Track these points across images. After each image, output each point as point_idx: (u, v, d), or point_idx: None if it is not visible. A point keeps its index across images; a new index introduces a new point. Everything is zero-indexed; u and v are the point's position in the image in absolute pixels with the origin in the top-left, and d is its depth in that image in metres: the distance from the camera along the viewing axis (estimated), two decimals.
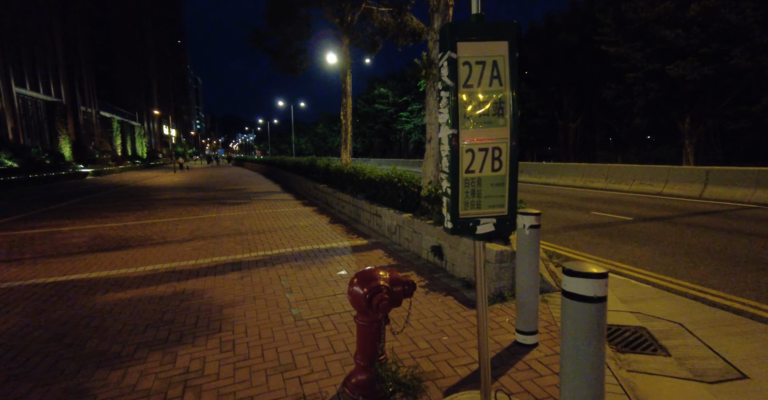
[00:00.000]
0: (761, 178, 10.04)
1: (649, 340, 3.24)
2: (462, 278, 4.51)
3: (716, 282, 4.49)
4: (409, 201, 6.40)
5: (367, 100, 52.42)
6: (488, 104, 1.66)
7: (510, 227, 1.76)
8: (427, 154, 6.23)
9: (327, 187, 11.06)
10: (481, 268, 1.88)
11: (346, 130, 12.89)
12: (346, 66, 13.10)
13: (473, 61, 1.63)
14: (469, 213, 1.72)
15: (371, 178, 7.80)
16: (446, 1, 6.12)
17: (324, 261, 5.42)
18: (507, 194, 1.71)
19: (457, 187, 1.68)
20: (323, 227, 7.87)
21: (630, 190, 13.12)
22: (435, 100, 6.09)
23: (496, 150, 1.68)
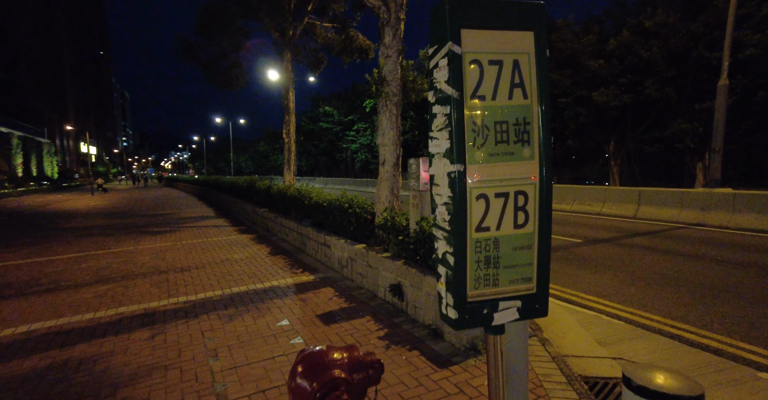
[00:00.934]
0: (684, 199, 10.77)
1: None
2: (427, 325, 3.88)
3: (683, 314, 4.30)
4: (362, 229, 5.74)
5: (311, 118, 51.53)
6: (508, 126, 1.08)
7: (540, 311, 1.16)
8: (380, 178, 5.65)
9: (268, 212, 10.05)
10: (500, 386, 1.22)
11: (289, 148, 12.03)
12: (289, 82, 12.37)
13: (485, 59, 1.05)
14: (483, 293, 1.10)
15: (319, 202, 7.05)
16: (397, 14, 5.73)
17: (261, 307, 4.53)
18: (536, 262, 1.12)
19: (464, 254, 1.06)
20: (262, 259, 6.91)
21: (572, 210, 13.58)
22: (388, 119, 5.58)
23: (519, 196, 1.09)
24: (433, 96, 1.12)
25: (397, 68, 5.69)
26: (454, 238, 1.07)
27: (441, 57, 1.06)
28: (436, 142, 1.12)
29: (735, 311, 4.30)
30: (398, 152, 5.60)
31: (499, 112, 1.07)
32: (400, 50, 5.75)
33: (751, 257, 6.56)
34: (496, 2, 1.03)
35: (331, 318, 4.18)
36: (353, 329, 3.90)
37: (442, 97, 1.07)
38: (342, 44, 13.17)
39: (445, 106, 1.06)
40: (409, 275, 4.16)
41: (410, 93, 5.83)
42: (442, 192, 1.10)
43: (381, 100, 5.64)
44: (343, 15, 12.98)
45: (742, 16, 15.23)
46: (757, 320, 4.07)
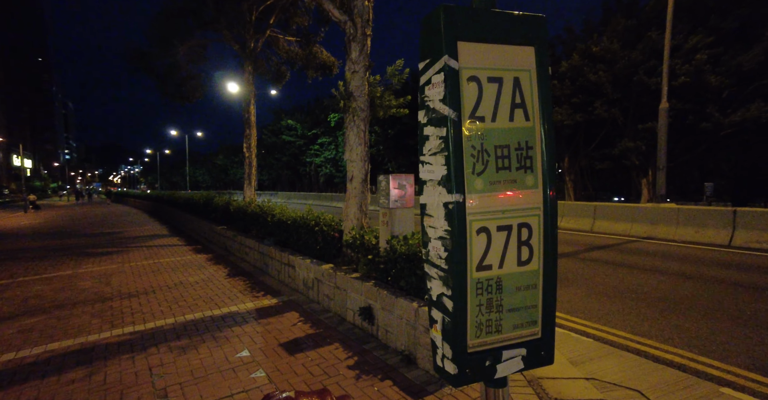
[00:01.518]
0: (635, 214, 11.41)
1: None
2: (400, 351, 3.69)
3: (646, 329, 4.40)
4: (329, 248, 5.50)
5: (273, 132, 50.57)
6: (510, 150, 0.96)
7: (546, 358, 1.02)
8: (348, 194, 5.48)
9: (226, 230, 9.52)
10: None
11: (250, 163, 11.59)
12: (250, 95, 12.01)
13: (484, 76, 0.94)
14: (485, 342, 0.95)
15: (282, 219, 6.73)
16: (364, 30, 5.69)
17: (219, 337, 4.15)
18: (541, 303, 0.99)
19: (464, 297, 0.92)
20: (220, 282, 6.45)
21: None
22: (355, 135, 5.45)
23: (523, 228, 0.97)
24: (425, 116, 0.99)
25: (365, 84, 5.61)
26: (452, 278, 0.92)
27: (435, 72, 0.93)
28: (429, 167, 0.98)
29: (691, 324, 4.45)
30: (366, 168, 5.47)
31: (500, 136, 0.95)
32: (367, 66, 5.69)
33: (696, 269, 6.95)
34: (494, 13, 0.92)
35: (296, 346, 3.89)
36: (320, 358, 3.64)
37: (437, 117, 0.94)
38: (305, 59, 13.03)
39: (440, 128, 0.93)
40: (380, 298, 3.97)
41: (378, 109, 5.76)
42: (436, 225, 0.96)
43: (348, 116, 5.52)
44: (307, 29, 12.89)
45: (673, 47, 16.72)
46: (710, 333, 4.23)
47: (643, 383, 3.28)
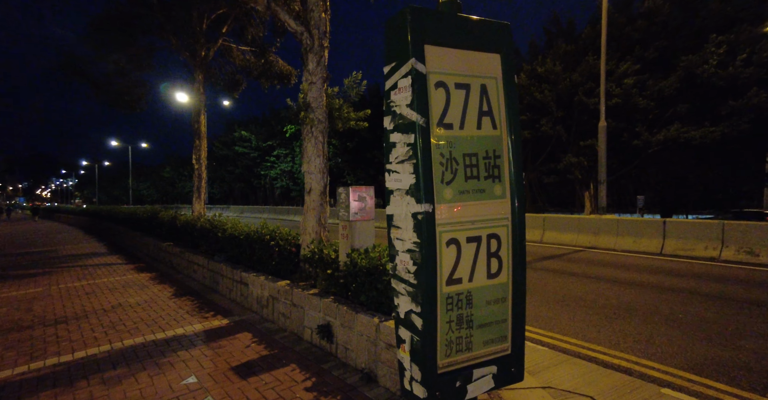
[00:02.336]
0: (581, 225, 12.11)
1: None
2: (360, 369, 3.56)
3: (595, 335, 4.59)
4: (286, 264, 5.27)
5: (226, 143, 48.74)
6: (478, 159, 0.93)
7: (517, 375, 0.99)
8: (306, 207, 5.31)
9: (173, 246, 8.90)
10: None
11: (199, 175, 11.01)
12: (200, 105, 11.50)
13: (452, 82, 0.91)
14: (455, 361, 0.90)
15: (234, 234, 6.39)
16: (321, 42, 5.65)
17: (162, 363, 3.78)
18: (511, 317, 0.96)
19: (434, 313, 0.86)
20: (165, 302, 5.96)
21: None
22: (313, 146, 5.33)
23: (492, 239, 0.93)
24: (392, 122, 0.94)
25: (323, 95, 5.54)
26: (422, 293, 0.86)
27: (401, 76, 0.89)
28: (396, 176, 0.92)
29: (633, 329, 4.71)
30: (325, 180, 5.36)
31: (468, 144, 0.92)
32: (325, 78, 5.64)
33: (635, 277, 7.45)
34: (461, 18, 0.90)
35: (249, 370, 3.63)
36: (275, 381, 3.42)
37: (404, 123, 0.89)
38: (261, 68, 12.75)
39: (407, 135, 0.88)
40: (339, 314, 3.83)
41: (336, 121, 5.70)
42: (405, 236, 0.90)
43: (306, 127, 5.40)
44: (262, 39, 12.65)
45: (607, 71, 18.29)
46: (650, 336, 4.49)
47: (595, 389, 3.38)
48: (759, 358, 3.84)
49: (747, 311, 5.25)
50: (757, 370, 3.61)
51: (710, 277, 7.29)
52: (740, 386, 3.34)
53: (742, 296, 5.96)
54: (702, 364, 3.76)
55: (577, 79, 20.57)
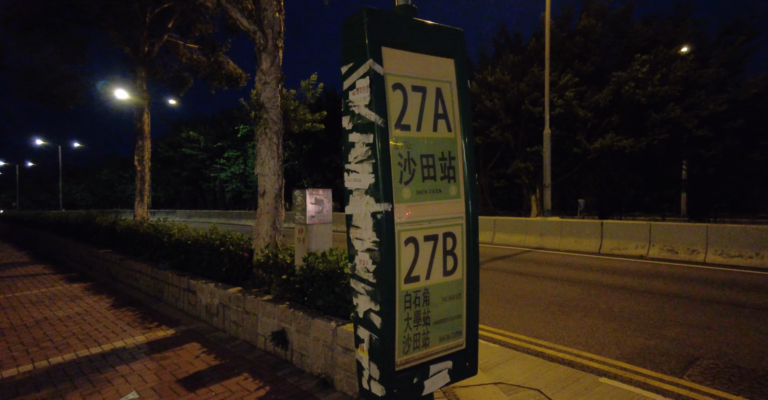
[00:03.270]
0: (528, 227, 12.78)
1: None
2: (316, 375, 3.50)
3: (542, 331, 4.86)
4: (237, 270, 5.07)
5: (172, 144, 46.01)
6: (434, 160, 0.96)
7: (471, 369, 1.03)
8: (260, 211, 5.15)
9: (111, 254, 8.25)
10: None
11: (142, 177, 10.33)
12: (143, 103, 10.81)
13: (408, 84, 0.93)
14: (412, 358, 0.92)
15: (181, 240, 6.06)
16: (275, 42, 5.54)
17: (97, 379, 3.49)
18: (465, 313, 1.00)
19: (392, 311, 0.88)
20: (101, 314, 5.50)
21: None
22: (267, 148, 5.19)
23: (448, 238, 0.97)
24: (351, 122, 0.94)
25: (277, 96, 5.43)
26: (381, 292, 0.87)
27: (360, 76, 0.90)
28: (356, 176, 0.93)
29: (575, 324, 5.04)
30: (280, 183, 5.24)
31: (425, 145, 0.95)
32: (280, 78, 5.53)
33: (577, 275, 7.98)
34: (416, 22, 0.93)
35: (198, 381, 3.45)
36: (226, 391, 3.27)
37: (363, 123, 0.90)
38: (210, 68, 12.22)
39: (366, 135, 0.89)
40: (295, 320, 3.74)
41: (292, 123, 5.59)
42: (364, 236, 0.91)
43: (260, 128, 5.26)
44: (211, 37, 12.14)
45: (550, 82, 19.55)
46: (590, 330, 4.83)
47: (541, 382, 3.57)
48: (678, 345, 4.26)
49: (669, 303, 5.80)
50: (676, 355, 4.00)
51: (640, 273, 7.98)
52: (662, 371, 3.68)
53: (665, 290, 6.58)
54: (632, 353, 4.09)
55: (524, 88, 21.74)
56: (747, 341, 4.33)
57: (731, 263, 8.65)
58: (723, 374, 3.58)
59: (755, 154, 19.28)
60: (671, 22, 20.07)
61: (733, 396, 3.20)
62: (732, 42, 19.27)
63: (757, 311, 5.40)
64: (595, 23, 20.63)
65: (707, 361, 3.86)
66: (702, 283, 7.07)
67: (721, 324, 4.87)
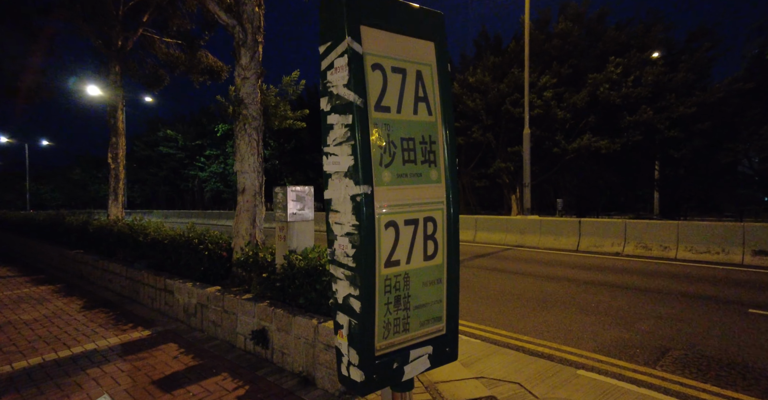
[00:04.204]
0: (508, 225, 12.98)
1: None
2: (297, 373, 3.45)
3: (522, 326, 4.94)
4: (216, 269, 4.96)
5: (149, 143, 44.68)
6: (415, 144, 0.95)
7: (451, 354, 1.02)
8: (239, 208, 5.05)
9: (83, 255, 7.95)
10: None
11: (116, 176, 9.98)
12: (117, 99, 10.45)
13: (388, 65, 0.92)
14: (392, 343, 0.91)
15: (158, 239, 5.88)
16: (255, 37, 5.45)
17: (66, 383, 3.34)
18: (445, 298, 0.99)
19: (372, 296, 0.86)
20: (71, 316, 5.29)
21: None
22: (247, 144, 5.10)
23: (429, 222, 0.96)
24: (329, 103, 0.92)
25: (257, 91, 5.34)
26: (360, 276, 0.86)
27: (338, 55, 0.88)
28: (335, 159, 0.91)
29: (554, 319, 5.14)
30: (260, 180, 5.15)
31: (406, 128, 0.94)
32: (259, 74, 5.44)
33: (555, 271, 8.15)
34: (396, 2, 0.92)
35: (175, 382, 3.35)
36: (204, 392, 3.19)
37: (341, 104, 0.88)
38: (189, 63, 11.93)
39: (345, 116, 0.87)
40: (275, 318, 3.68)
41: (272, 119, 5.51)
42: (343, 220, 0.89)
43: (239, 124, 5.16)
44: (189, 32, 11.84)
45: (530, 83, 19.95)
46: (568, 324, 4.94)
47: (522, 376, 3.62)
48: (652, 337, 4.40)
49: (643, 298, 5.98)
50: (649, 347, 4.13)
51: (616, 269, 8.21)
52: (636, 362, 3.80)
53: (639, 285, 6.79)
54: (609, 346, 4.20)
55: (505, 89, 22.09)
56: (714, 332, 4.51)
57: (700, 259, 9.01)
58: (692, 364, 3.71)
59: (720, 155, 20.15)
60: (643, 27, 20.77)
61: (702, 384, 3.32)
62: (698, 48, 20.09)
63: (723, 303, 5.63)
64: (572, 26, 21.15)
65: (678, 352, 3.99)
66: (673, 278, 7.33)
67: (691, 317, 5.05)
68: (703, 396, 3.12)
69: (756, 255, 8.48)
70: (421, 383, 3.40)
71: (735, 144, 19.87)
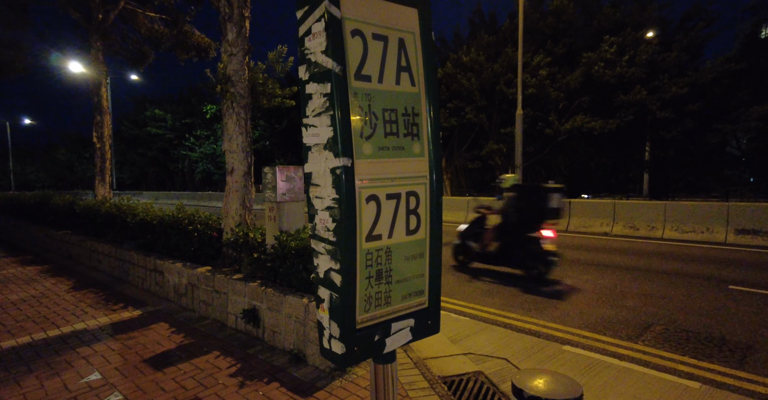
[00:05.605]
0: None
1: (491, 388, 3.09)
2: (288, 350, 3.50)
3: (510, 304, 5.03)
4: (206, 249, 4.94)
5: (136, 123, 43.63)
6: (397, 115, 0.92)
7: (433, 327, 1.03)
8: (228, 189, 4.98)
9: (70, 235, 7.86)
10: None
11: (102, 156, 9.77)
12: (100, 76, 10.11)
13: (369, 32, 0.88)
14: (374, 316, 0.90)
15: (146, 219, 5.82)
16: (241, 11, 5.25)
17: (56, 362, 3.36)
18: (428, 272, 0.99)
19: (353, 270, 0.85)
20: (60, 297, 5.27)
21: None
22: (235, 123, 4.98)
23: (411, 197, 0.94)
24: (307, 71, 0.89)
25: (244, 68, 5.18)
26: (341, 250, 0.84)
27: (315, 20, 0.84)
28: (314, 130, 0.88)
29: (542, 297, 5.24)
30: (249, 160, 5.07)
31: (387, 99, 0.91)
32: (247, 50, 5.27)
33: None
34: None
35: (166, 360, 3.38)
36: (195, 369, 3.22)
37: (320, 72, 0.84)
38: (174, 39, 11.51)
39: (323, 84, 0.84)
40: (266, 298, 3.70)
41: (260, 97, 5.38)
42: (323, 194, 0.87)
43: (226, 102, 5.03)
44: (173, 6, 11.37)
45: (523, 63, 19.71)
46: (556, 303, 5.05)
47: (509, 351, 3.71)
48: (636, 314, 4.52)
49: (629, 276, 6.12)
50: (633, 323, 4.25)
51: (604, 249, 8.36)
52: (620, 337, 3.91)
53: (627, 264, 6.94)
54: (594, 323, 4.31)
55: (498, 69, 21.80)
56: (694, 307, 4.65)
57: (685, 238, 9.20)
58: (672, 338, 3.84)
59: (709, 136, 20.30)
60: (638, 6, 20.45)
61: (680, 357, 3.45)
62: (693, 27, 19.88)
63: (705, 280, 5.79)
64: (567, 4, 20.75)
65: (659, 327, 4.12)
66: (659, 256, 7.50)
67: (674, 294, 5.19)
68: (681, 368, 3.24)
69: (739, 233, 8.69)
70: (410, 360, 3.47)
71: (723, 125, 20.00)
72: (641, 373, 3.14)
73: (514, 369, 3.35)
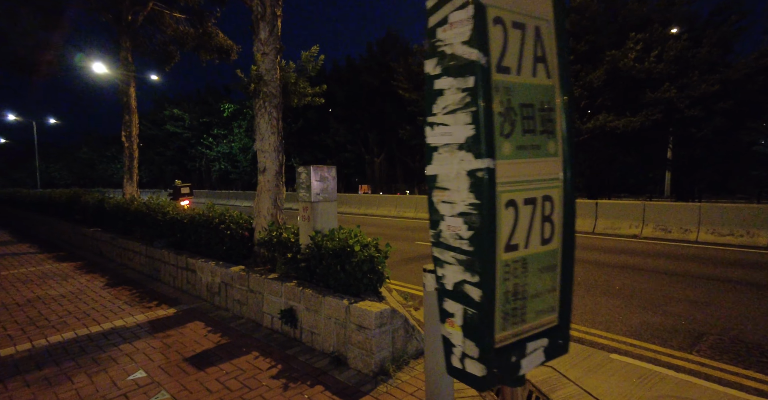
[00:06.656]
0: None
1: (541, 397, 2.97)
2: (328, 353, 3.44)
3: None
4: (238, 248, 4.93)
5: (155, 122, 44.46)
6: (534, 111, 0.83)
7: (563, 346, 0.93)
8: (260, 188, 4.96)
9: (101, 232, 8.00)
10: None
11: (130, 155, 9.93)
12: (129, 76, 10.28)
13: (509, 20, 0.79)
14: (509, 335, 0.81)
15: (177, 218, 5.85)
16: (273, 10, 5.22)
17: (101, 358, 3.37)
18: (559, 286, 0.89)
19: (492, 283, 0.76)
20: (96, 293, 5.34)
21: (395, 215, 15.04)
22: (267, 123, 4.96)
23: (546, 202, 0.85)
24: (439, 65, 0.80)
25: (276, 68, 5.15)
26: (480, 262, 0.76)
27: (455, 8, 0.75)
28: (444, 129, 0.80)
29: (579, 301, 5.08)
30: (281, 159, 5.04)
31: (525, 92, 0.82)
32: (279, 49, 5.24)
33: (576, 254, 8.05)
34: None
35: (206, 360, 3.36)
36: (237, 370, 3.20)
37: (458, 65, 0.76)
38: (198, 40, 11.62)
39: (464, 78, 0.75)
40: (304, 298, 3.65)
41: (292, 96, 5.34)
42: (456, 199, 0.78)
43: (258, 102, 5.01)
44: (199, 6, 11.48)
45: None
46: (594, 307, 4.88)
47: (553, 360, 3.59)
48: (683, 321, 4.32)
49: (668, 281, 5.89)
50: (682, 331, 4.06)
51: (636, 252, 8.10)
52: (671, 347, 3.73)
53: (662, 268, 6.68)
54: (640, 330, 4.14)
55: None
56: (749, 316, 4.42)
57: (722, 242, 8.85)
58: (730, 349, 3.64)
59: (741, 134, 19.56)
60: (665, 0, 19.82)
61: (744, 370, 3.26)
62: (724, 22, 19.17)
63: (753, 287, 5.52)
64: (590, 1, 20.26)
65: (713, 336, 3.92)
66: (697, 261, 7.21)
67: (721, 300, 4.96)
68: (748, 383, 3.06)
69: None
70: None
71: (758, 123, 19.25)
72: (704, 387, 2.97)
73: (561, 378, 3.22)
